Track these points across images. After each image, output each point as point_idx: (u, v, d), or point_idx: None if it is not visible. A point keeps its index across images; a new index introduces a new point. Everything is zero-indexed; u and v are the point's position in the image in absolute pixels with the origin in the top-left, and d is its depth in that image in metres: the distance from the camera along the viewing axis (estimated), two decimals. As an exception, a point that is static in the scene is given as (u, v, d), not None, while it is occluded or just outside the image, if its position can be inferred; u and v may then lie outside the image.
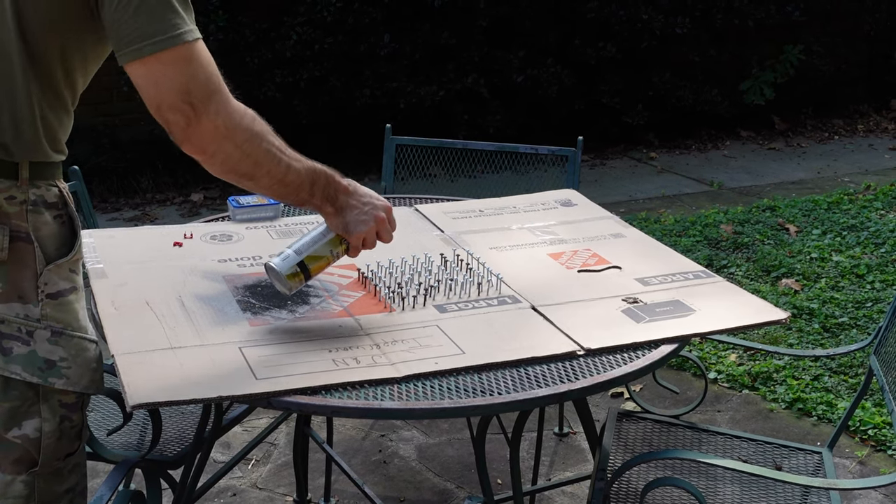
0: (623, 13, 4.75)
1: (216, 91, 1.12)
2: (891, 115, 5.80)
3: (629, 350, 1.28)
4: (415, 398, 1.14)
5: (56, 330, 1.13)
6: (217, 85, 1.13)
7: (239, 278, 1.45)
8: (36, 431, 1.14)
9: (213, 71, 1.13)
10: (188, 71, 1.10)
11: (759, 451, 1.65)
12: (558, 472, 2.21)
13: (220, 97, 1.13)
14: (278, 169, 1.20)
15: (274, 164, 1.19)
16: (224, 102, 1.13)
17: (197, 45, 1.11)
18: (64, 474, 1.20)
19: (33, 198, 1.12)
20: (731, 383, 2.60)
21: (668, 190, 4.46)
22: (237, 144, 1.15)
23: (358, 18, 4.30)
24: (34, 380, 1.12)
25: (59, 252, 1.14)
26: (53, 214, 1.14)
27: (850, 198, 4.15)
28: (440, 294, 1.41)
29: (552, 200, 1.87)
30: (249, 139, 1.16)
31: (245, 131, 1.15)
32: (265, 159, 1.18)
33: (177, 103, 1.10)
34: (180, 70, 1.09)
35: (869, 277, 3.23)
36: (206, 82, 1.11)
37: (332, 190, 1.28)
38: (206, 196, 4.30)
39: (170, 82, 1.10)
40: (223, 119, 1.13)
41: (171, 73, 1.09)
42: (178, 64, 1.09)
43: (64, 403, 1.16)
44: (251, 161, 1.17)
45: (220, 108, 1.12)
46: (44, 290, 1.13)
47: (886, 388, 1.53)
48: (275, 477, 2.18)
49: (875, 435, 2.32)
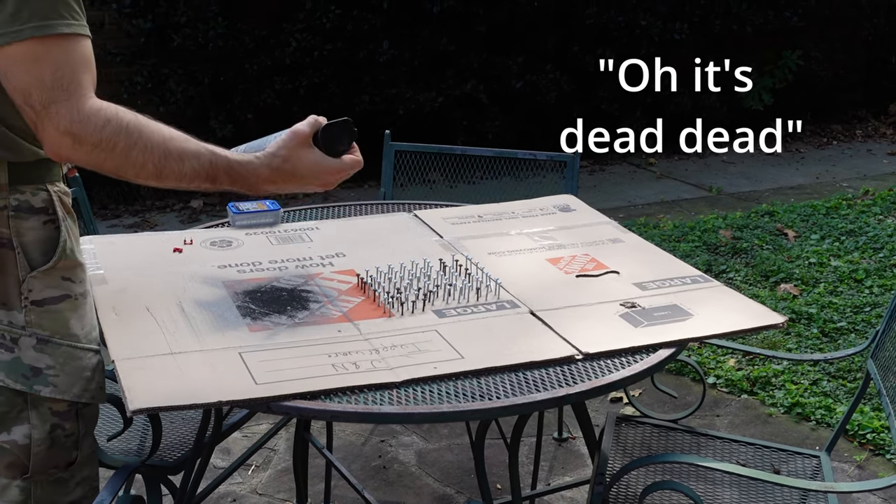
0: (622, 19, 4.77)
1: (62, 98, 1.03)
2: (889, 121, 5.81)
3: (627, 354, 1.28)
4: (414, 403, 1.15)
5: (42, 337, 1.12)
6: (68, 89, 1.03)
7: (239, 284, 1.46)
8: (25, 438, 1.13)
9: (68, 72, 1.03)
10: (33, 71, 1.02)
11: (758, 454, 1.65)
12: (558, 476, 2.22)
13: (69, 104, 1.03)
14: (146, 171, 1.12)
15: (138, 168, 1.10)
16: (74, 110, 1.04)
17: (50, 40, 1.02)
18: (70, 486, 1.19)
19: (15, 203, 1.10)
20: (730, 388, 2.60)
21: (666, 195, 4.47)
22: (87, 153, 1.07)
23: (357, 25, 4.32)
24: (18, 387, 1.11)
25: (46, 258, 1.13)
26: (42, 220, 1.12)
27: (848, 203, 4.16)
28: (439, 299, 1.42)
29: (551, 206, 1.88)
30: (106, 148, 1.07)
31: (98, 141, 1.06)
32: (128, 164, 1.10)
33: (20, 104, 1.04)
34: (25, 69, 1.02)
35: (867, 282, 3.24)
36: (52, 86, 1.02)
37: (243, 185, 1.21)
38: (206, 202, 4.31)
39: (14, 80, 1.03)
40: (66, 126, 1.04)
41: (17, 70, 1.02)
42: (25, 62, 1.02)
43: (55, 411, 1.15)
44: (111, 165, 1.09)
45: (63, 115, 1.03)
46: (28, 297, 1.11)
47: (884, 391, 1.54)
48: (275, 482, 2.18)
49: (873, 439, 2.32)
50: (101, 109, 1.07)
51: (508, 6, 4.58)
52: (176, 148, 1.13)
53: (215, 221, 1.77)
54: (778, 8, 5.19)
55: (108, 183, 4.30)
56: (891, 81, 5.91)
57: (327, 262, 1.56)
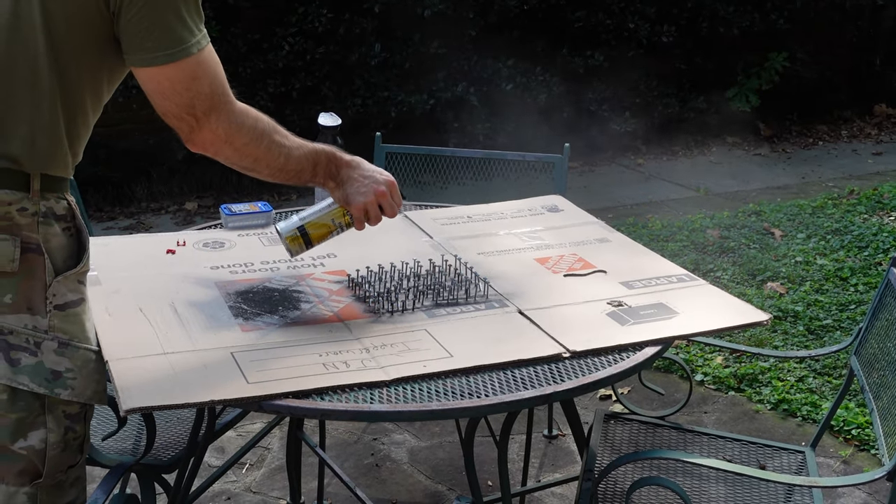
0: (610, 22, 4.81)
1: (219, 103, 1.19)
2: (874, 121, 5.87)
3: (614, 352, 1.31)
4: (404, 401, 1.17)
5: (63, 341, 1.14)
6: (220, 96, 1.19)
7: (231, 284, 1.48)
8: (41, 443, 1.15)
9: (218, 80, 1.19)
10: (193, 86, 1.16)
11: (744, 450, 1.68)
12: (547, 473, 2.24)
13: (223, 108, 1.20)
14: (277, 161, 1.29)
15: (273, 157, 1.28)
16: (226, 112, 1.20)
17: (203, 55, 1.16)
18: (66, 487, 1.20)
19: (44, 209, 1.13)
20: (718, 385, 2.64)
21: (655, 196, 4.50)
22: (236, 148, 1.24)
23: (349, 29, 4.34)
24: (41, 390, 1.13)
25: (66, 263, 1.16)
26: (62, 226, 1.15)
27: (834, 202, 4.20)
28: (428, 299, 1.44)
29: (539, 206, 1.91)
30: (248, 142, 1.24)
31: (245, 136, 1.23)
32: (264, 156, 1.27)
33: (180, 114, 1.17)
34: (185, 85, 1.16)
35: (852, 280, 3.28)
36: (210, 95, 1.18)
37: (334, 167, 1.37)
38: (201, 204, 4.32)
39: (176, 96, 1.16)
40: (223, 128, 1.20)
41: (177, 87, 1.15)
42: (184, 79, 1.15)
43: (68, 414, 1.17)
44: (250, 159, 1.26)
45: (220, 118, 1.20)
46: (52, 302, 1.14)
47: (867, 388, 1.57)
48: (268, 480, 2.20)
49: (858, 434, 2.36)
50: (247, 109, 1.24)
51: (498, 9, 4.61)
52: (295, 141, 1.31)
53: (208, 223, 1.79)
54: (764, 11, 5.24)
55: (102, 185, 4.31)
56: (875, 82, 5.97)
57: (318, 262, 1.58)
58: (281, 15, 4.32)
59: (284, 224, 1.41)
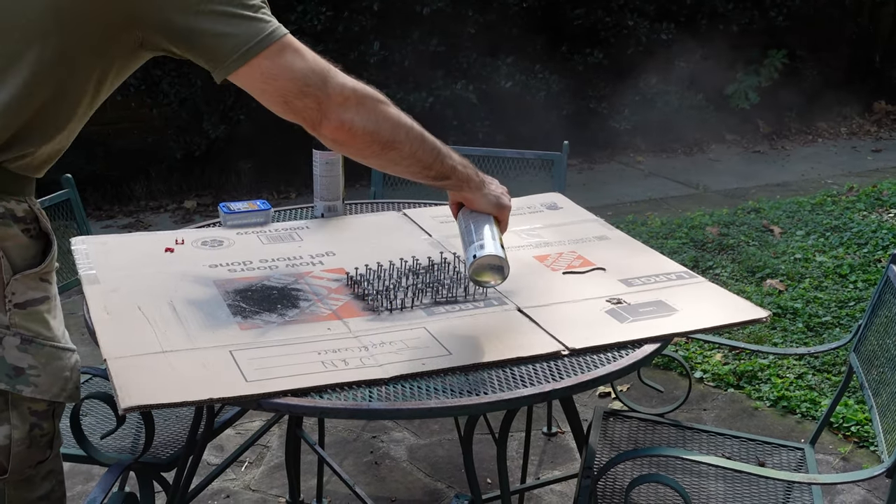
0: (609, 19, 4.81)
1: (327, 67, 1.19)
2: (873, 118, 5.87)
3: (613, 350, 1.30)
4: (402, 399, 1.16)
5: (26, 337, 1.14)
6: (325, 63, 1.19)
7: (229, 283, 1.47)
8: (5, 439, 1.14)
9: (315, 54, 1.19)
10: (298, 59, 1.15)
11: (743, 448, 1.68)
12: (547, 470, 2.24)
13: (333, 71, 1.19)
14: (413, 133, 1.26)
15: (407, 128, 1.24)
16: (339, 75, 1.19)
17: (290, 37, 1.16)
18: (36, 482, 1.20)
19: (1, 211, 1.12)
20: (717, 382, 2.64)
21: (654, 193, 4.50)
22: (369, 108, 1.21)
23: (348, 27, 4.33)
24: (2, 386, 1.12)
25: (27, 263, 1.15)
26: (22, 228, 1.15)
27: (833, 199, 4.21)
28: (427, 297, 1.44)
29: (538, 204, 1.91)
30: (378, 102, 1.22)
31: (371, 95, 1.22)
32: (400, 121, 1.24)
33: (301, 87, 1.15)
34: (291, 59, 1.15)
35: (852, 277, 3.28)
36: (316, 62, 1.17)
37: (468, 164, 1.37)
38: (199, 203, 4.32)
39: (287, 72, 1.14)
40: (350, 89, 1.19)
41: (284, 63, 1.14)
42: (286, 54, 1.14)
43: (34, 411, 1.16)
44: (389, 124, 1.23)
45: (338, 81, 1.18)
46: (11, 300, 1.13)
47: (866, 384, 1.57)
48: (267, 478, 2.20)
49: (857, 431, 2.36)
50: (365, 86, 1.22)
51: (497, 7, 4.61)
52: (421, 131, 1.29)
53: (207, 221, 1.79)
54: (763, 8, 5.24)
55: (101, 184, 4.30)
56: (875, 79, 5.97)
57: (317, 260, 1.57)
58: (280, 13, 4.32)
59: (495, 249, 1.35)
